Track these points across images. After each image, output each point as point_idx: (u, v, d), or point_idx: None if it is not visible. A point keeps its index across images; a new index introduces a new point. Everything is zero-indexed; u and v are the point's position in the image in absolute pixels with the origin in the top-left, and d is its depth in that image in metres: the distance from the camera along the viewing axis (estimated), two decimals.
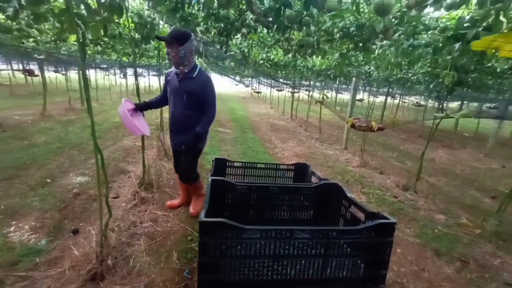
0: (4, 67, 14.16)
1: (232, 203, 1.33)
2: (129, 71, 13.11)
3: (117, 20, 2.67)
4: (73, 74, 13.80)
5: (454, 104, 17.51)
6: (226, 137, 5.90)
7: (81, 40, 1.54)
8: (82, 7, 1.67)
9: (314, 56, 3.76)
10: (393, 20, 1.62)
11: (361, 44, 2.15)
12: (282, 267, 0.92)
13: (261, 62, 5.41)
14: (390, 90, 10.66)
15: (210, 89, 2.02)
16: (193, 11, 2.59)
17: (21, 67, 12.89)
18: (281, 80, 9.46)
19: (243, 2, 1.95)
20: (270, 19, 2.08)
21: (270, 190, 1.37)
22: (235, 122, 8.14)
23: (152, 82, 19.29)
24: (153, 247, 2.00)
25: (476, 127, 10.20)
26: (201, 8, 2.37)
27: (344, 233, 0.93)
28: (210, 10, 2.29)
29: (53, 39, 4.59)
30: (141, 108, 2.16)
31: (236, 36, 3.10)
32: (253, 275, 0.92)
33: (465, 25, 1.70)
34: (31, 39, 4.51)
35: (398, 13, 1.59)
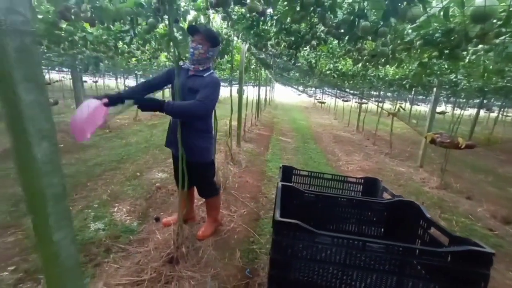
0: (113, 81, 17.91)
1: (298, 210, 1.36)
2: None
3: None
4: None
5: None
6: (287, 146, 5.96)
7: (177, 58, 1.85)
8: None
9: (387, 66, 3.51)
10: (494, 22, 1.40)
11: (446, 51, 1.93)
12: (350, 279, 0.90)
13: (327, 72, 5.33)
14: (485, 101, 8.94)
15: (212, 86, 1.72)
16: (266, 27, 2.78)
17: (122, 81, 15.97)
18: (347, 90, 9.04)
19: (315, 16, 2.00)
20: (342, 30, 2.08)
21: (338, 201, 1.35)
22: (296, 131, 8.15)
23: (221, 93, 20.94)
24: (219, 243, 2.17)
25: None
26: (274, 24, 2.53)
27: (424, 253, 0.85)
28: (282, 25, 2.43)
29: (149, 57, 5.54)
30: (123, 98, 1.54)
31: (304, 48, 3.17)
32: (321, 280, 0.93)
33: None
34: (134, 59, 5.55)
35: (503, 13, 1.36)
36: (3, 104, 0.61)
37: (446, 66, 3.12)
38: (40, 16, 2.03)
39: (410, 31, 1.80)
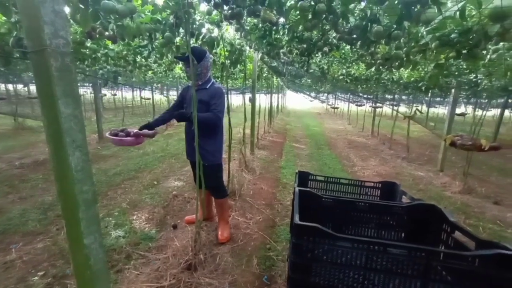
0: (129, 94, 18.72)
1: (315, 215, 1.35)
2: None
3: (214, 51, 3.19)
4: (171, 96, 16.78)
5: None
6: (301, 152, 5.92)
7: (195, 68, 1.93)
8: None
9: (402, 69, 3.45)
10: None
11: (464, 51, 1.89)
12: (372, 284, 0.89)
13: (340, 77, 5.31)
14: (510, 100, 8.49)
15: (218, 96, 2.03)
16: (278, 36, 2.83)
17: (138, 93, 16.63)
18: (361, 94, 8.91)
19: (327, 23, 2.03)
20: (355, 36, 2.08)
21: (356, 206, 1.33)
22: (310, 138, 8.09)
23: (233, 101, 21.14)
24: (236, 250, 2.18)
25: None
26: (286, 33, 2.58)
27: (450, 257, 0.82)
28: (294, 33, 2.47)
29: (164, 69, 5.76)
30: (147, 127, 2.16)
31: (316, 55, 3.19)
32: (341, 285, 0.92)
33: None
34: (150, 72, 5.79)
35: None
36: (44, 117, 0.67)
37: (465, 66, 3.03)
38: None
39: (425, 33, 1.78)
